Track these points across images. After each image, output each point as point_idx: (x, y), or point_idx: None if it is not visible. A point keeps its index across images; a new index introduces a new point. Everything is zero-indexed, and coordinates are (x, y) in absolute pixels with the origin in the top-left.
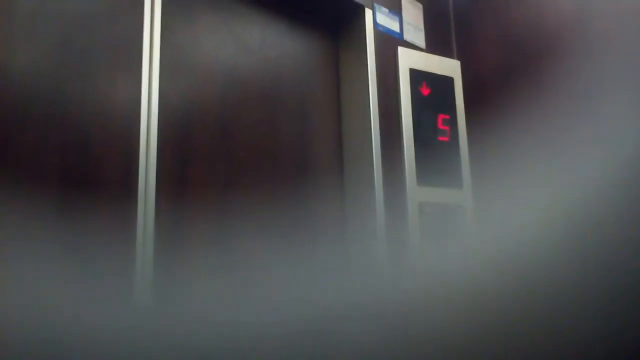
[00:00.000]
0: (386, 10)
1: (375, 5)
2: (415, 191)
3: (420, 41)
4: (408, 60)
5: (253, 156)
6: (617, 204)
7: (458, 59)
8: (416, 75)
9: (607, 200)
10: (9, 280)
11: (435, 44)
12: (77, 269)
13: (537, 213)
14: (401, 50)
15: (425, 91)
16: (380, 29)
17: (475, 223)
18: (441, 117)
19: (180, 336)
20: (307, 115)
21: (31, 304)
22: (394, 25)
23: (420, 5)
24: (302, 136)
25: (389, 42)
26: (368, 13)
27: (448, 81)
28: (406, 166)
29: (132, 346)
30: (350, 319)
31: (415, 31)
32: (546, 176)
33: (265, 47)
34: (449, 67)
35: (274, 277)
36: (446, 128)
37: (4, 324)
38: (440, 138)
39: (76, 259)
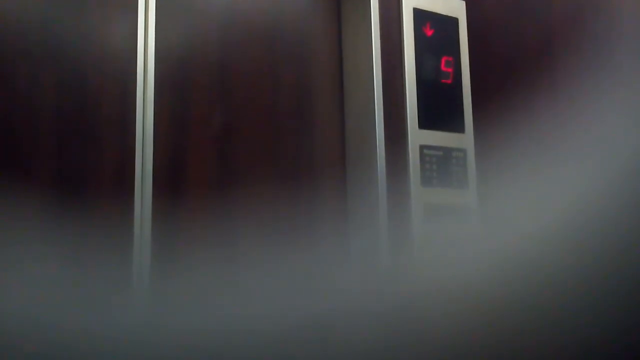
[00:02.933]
0: None
1: None
2: (416, 134)
3: None
4: None
5: (253, 97)
6: (627, 202)
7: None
8: (420, 15)
9: (621, 196)
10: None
11: None
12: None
13: (541, 168)
14: None
15: (429, 32)
16: None
17: (477, 167)
18: (444, 59)
19: (177, 332)
20: (307, 55)
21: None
22: None
23: None
24: (302, 76)
25: None
26: None
27: (452, 22)
28: (408, 108)
29: (130, 342)
30: (352, 312)
31: None
32: (554, 124)
33: None
34: (453, 7)
35: (266, 239)
36: (449, 70)
37: None
38: (443, 80)
39: (71, 206)
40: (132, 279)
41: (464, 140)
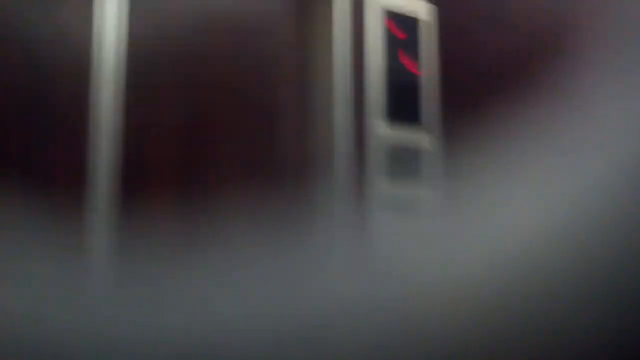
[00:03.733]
0: None
1: None
2: (381, 131)
3: None
4: None
5: (219, 92)
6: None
7: (434, 3)
8: (387, 16)
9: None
10: None
11: None
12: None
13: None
14: None
15: (396, 33)
16: None
17: (441, 167)
18: (410, 60)
19: (138, 333)
20: (272, 50)
21: None
22: None
23: None
24: (267, 76)
25: None
26: None
27: (420, 24)
28: (372, 106)
29: (89, 339)
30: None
31: None
32: (524, 121)
33: None
34: (421, 9)
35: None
36: (414, 71)
37: None
38: (409, 77)
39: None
40: (91, 275)
41: (427, 136)
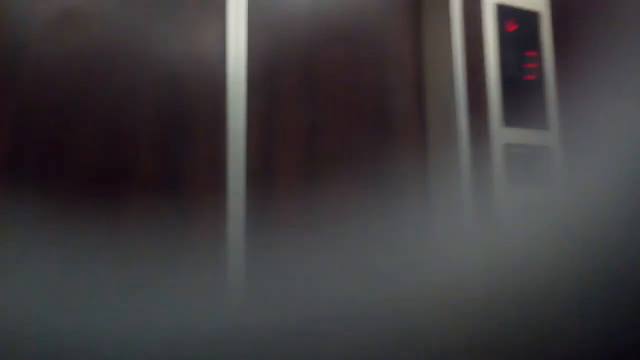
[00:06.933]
0: None
1: None
2: (500, 132)
3: None
4: None
5: (336, 94)
6: None
7: None
8: (502, 11)
9: None
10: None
11: None
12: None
13: (628, 160)
14: None
15: (511, 27)
16: None
17: (563, 166)
18: (528, 54)
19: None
20: (387, 54)
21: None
22: None
23: None
24: (382, 76)
25: None
26: None
27: (535, 17)
28: (491, 106)
29: (226, 341)
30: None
31: None
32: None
33: None
34: (536, 1)
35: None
36: (533, 66)
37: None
38: (527, 77)
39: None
40: (228, 266)
41: (549, 137)
